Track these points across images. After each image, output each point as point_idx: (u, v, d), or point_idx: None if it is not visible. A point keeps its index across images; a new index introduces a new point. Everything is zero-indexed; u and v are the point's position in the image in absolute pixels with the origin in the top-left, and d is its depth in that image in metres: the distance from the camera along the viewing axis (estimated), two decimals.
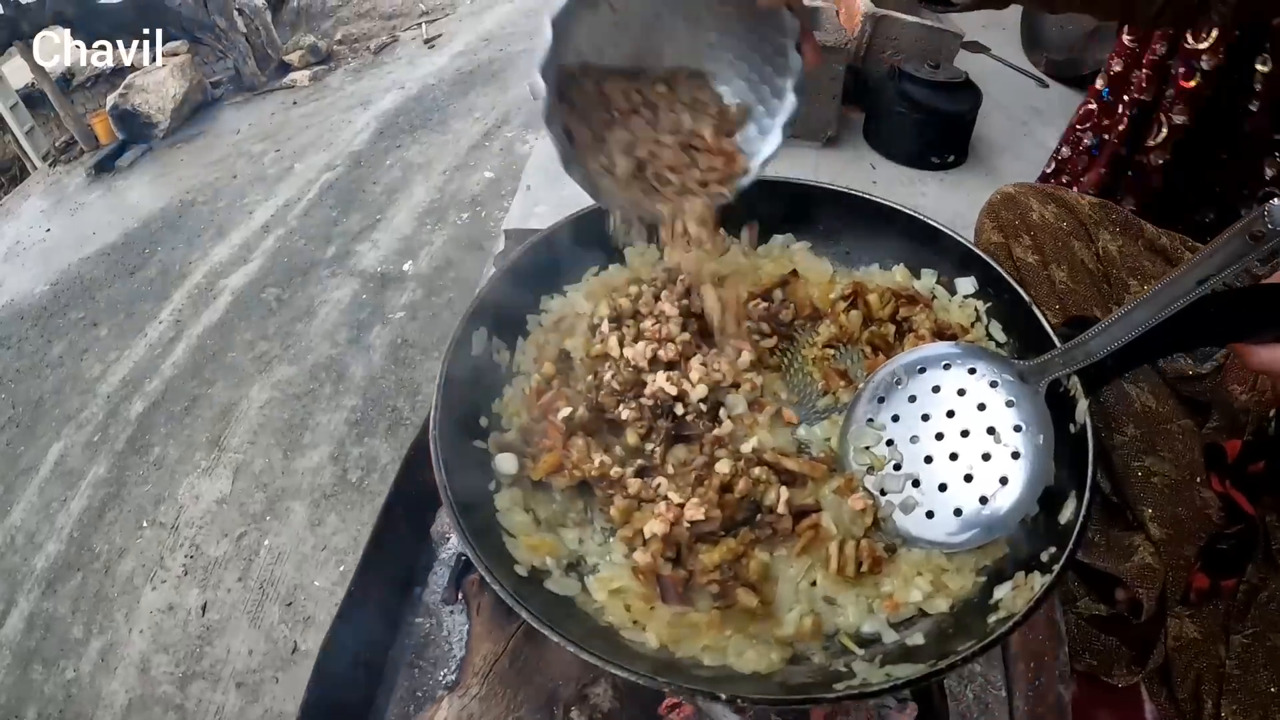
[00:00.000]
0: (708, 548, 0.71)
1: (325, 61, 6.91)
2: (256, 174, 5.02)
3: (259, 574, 2.44)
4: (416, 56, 6.66)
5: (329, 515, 2.56)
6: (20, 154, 6.43)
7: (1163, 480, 1.16)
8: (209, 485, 2.78)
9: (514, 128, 4.90)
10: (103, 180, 5.56)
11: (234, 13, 6.58)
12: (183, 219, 4.70)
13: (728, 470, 0.74)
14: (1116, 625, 1.13)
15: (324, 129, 5.45)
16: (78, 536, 2.79)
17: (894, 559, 0.73)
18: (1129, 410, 1.22)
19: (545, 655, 0.74)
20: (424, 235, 3.92)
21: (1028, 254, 1.36)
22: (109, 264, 4.44)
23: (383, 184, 4.51)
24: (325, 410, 2.96)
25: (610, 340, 0.89)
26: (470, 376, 0.86)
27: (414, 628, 1.05)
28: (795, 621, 0.70)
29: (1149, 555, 1.12)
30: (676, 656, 0.68)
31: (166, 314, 3.79)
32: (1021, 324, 0.84)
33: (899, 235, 0.98)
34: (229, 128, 5.96)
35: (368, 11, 8.06)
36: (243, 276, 3.91)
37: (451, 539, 1.10)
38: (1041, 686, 0.90)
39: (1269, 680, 0.98)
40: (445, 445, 0.74)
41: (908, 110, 2.53)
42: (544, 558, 0.73)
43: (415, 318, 3.34)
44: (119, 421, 3.21)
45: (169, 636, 2.37)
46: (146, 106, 5.91)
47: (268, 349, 3.35)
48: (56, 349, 3.84)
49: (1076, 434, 0.72)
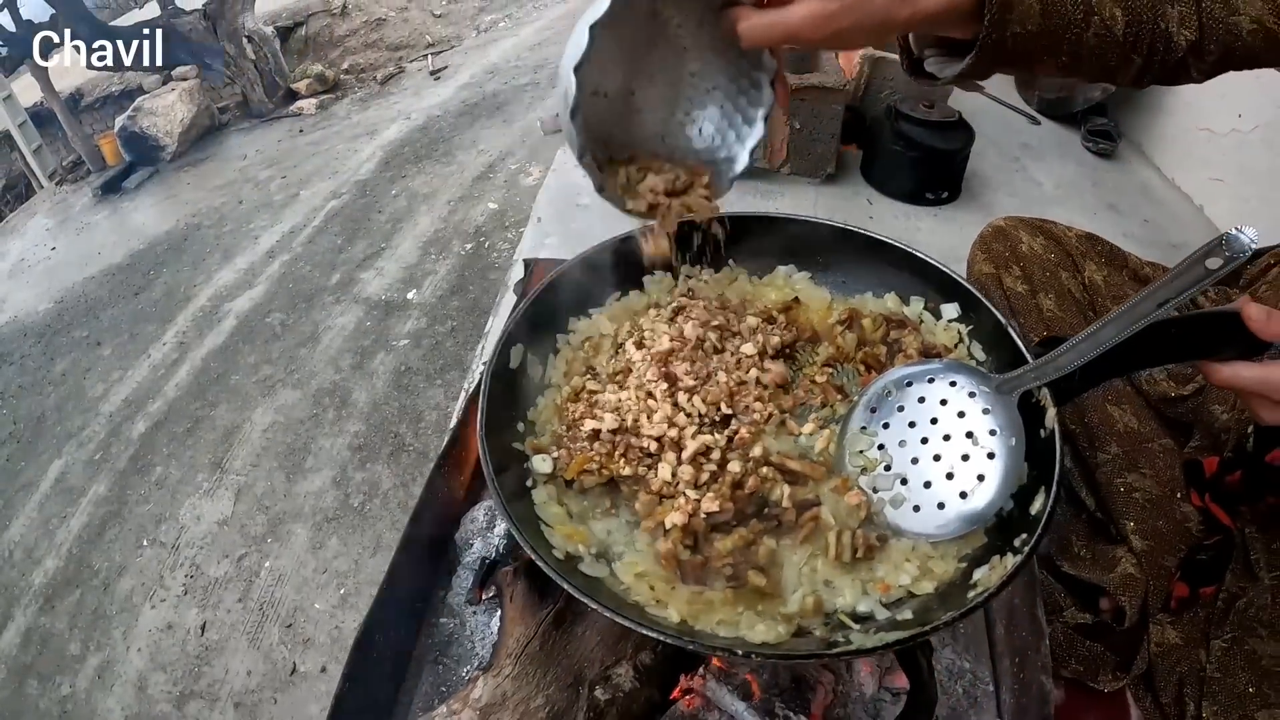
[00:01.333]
0: (721, 536, 0.82)
1: (332, 90, 7.02)
2: (262, 200, 5.08)
3: (259, 595, 2.46)
4: (422, 87, 6.76)
5: (330, 539, 2.58)
6: (27, 172, 6.50)
7: (1144, 495, 1.25)
8: (210, 506, 2.80)
9: (517, 160, 4.96)
10: (109, 201, 5.62)
11: (243, 40, 6.68)
12: (188, 242, 4.75)
13: (739, 470, 0.84)
14: (1101, 633, 1.20)
15: (330, 157, 5.52)
16: (77, 553, 2.81)
17: (885, 547, 0.82)
18: (1112, 430, 1.31)
19: (572, 639, 0.82)
20: (428, 264, 3.96)
21: (1017, 283, 1.44)
22: (113, 284, 4.49)
23: (388, 213, 4.57)
24: (328, 435, 2.99)
25: (634, 354, 0.98)
26: (509, 387, 0.94)
27: (438, 628, 1.13)
28: (799, 600, 0.79)
29: (1131, 566, 1.19)
30: (695, 629, 0.76)
31: (170, 335, 3.83)
32: (999, 344, 0.93)
33: (890, 266, 1.07)
34: (236, 153, 6.03)
35: (374, 42, 8.18)
36: (247, 301, 3.95)
37: (475, 545, 1.18)
38: (1025, 678, 0.98)
39: (1247, 681, 1.04)
40: (491, 446, 0.82)
41: (903, 148, 2.61)
42: (577, 545, 0.82)
43: (419, 346, 3.38)
44: (121, 440, 3.24)
45: (167, 655, 2.38)
46: (154, 129, 5.99)
47: (271, 373, 3.38)
48: (59, 366, 3.87)
49: (1046, 438, 0.81)
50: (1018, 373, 0.83)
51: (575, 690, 0.78)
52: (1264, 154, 2.45)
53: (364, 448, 2.91)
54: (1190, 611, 1.16)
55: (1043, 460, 0.81)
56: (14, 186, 6.90)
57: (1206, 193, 2.81)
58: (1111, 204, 2.93)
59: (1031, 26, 0.74)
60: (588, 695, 0.78)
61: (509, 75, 6.62)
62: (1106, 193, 3.01)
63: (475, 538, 1.21)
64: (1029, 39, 0.75)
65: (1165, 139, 3.17)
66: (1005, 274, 1.46)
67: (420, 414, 3.02)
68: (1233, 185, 2.67)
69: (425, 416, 3.00)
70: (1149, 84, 0.87)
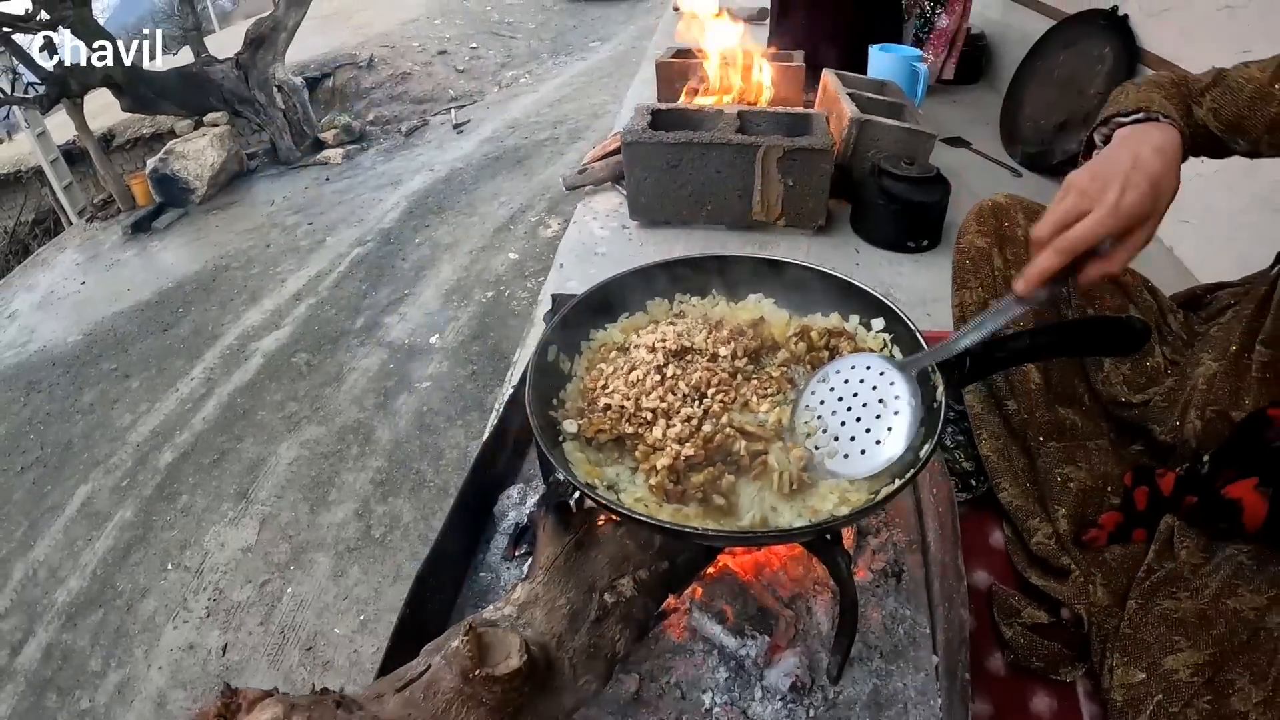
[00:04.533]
0: (696, 473, 1.07)
1: (358, 141, 7.24)
2: (289, 244, 5.24)
3: (280, 619, 2.54)
4: (445, 140, 6.98)
5: (352, 567, 2.67)
6: (56, 207, 6.69)
7: (1078, 485, 1.43)
8: (235, 534, 2.90)
9: (537, 213, 5.14)
10: (138, 240, 5.79)
11: (274, 89, 6.92)
12: (216, 282, 4.90)
13: (710, 430, 1.12)
14: (1056, 631, 1.34)
15: (355, 205, 5.70)
16: (101, 574, 2.90)
17: (815, 484, 1.08)
18: (1059, 427, 1.49)
19: (587, 560, 1.07)
20: (450, 311, 4.11)
21: (1008, 266, 1.57)
22: (142, 320, 4.63)
23: (411, 261, 4.72)
24: (351, 470, 3.10)
25: (640, 354, 1.25)
26: (546, 374, 1.21)
27: (478, 580, 1.42)
28: (751, 518, 1.04)
29: (1081, 576, 1.35)
30: (673, 522, 1.03)
31: (198, 371, 3.95)
32: (914, 346, 1.18)
33: (834, 292, 1.35)
34: (263, 198, 6.22)
35: (400, 95, 8.42)
36: (274, 341, 4.09)
37: (510, 515, 1.50)
38: (949, 615, 1.20)
39: (1155, 636, 1.20)
40: (536, 414, 1.09)
41: (886, 202, 2.81)
42: (594, 479, 1.08)
43: (440, 388, 3.50)
44: (148, 469, 3.35)
45: (188, 674, 2.46)
46: (185, 172, 6.19)
47: (297, 410, 3.50)
48: (87, 396, 3.99)
49: (937, 406, 1.06)
50: (914, 357, 1.11)
51: (589, 595, 1.03)
52: (1225, 196, 2.58)
53: (386, 482, 3.01)
54: (1117, 544, 1.36)
55: (932, 422, 1.05)
56: (42, 221, 7.10)
57: (1175, 234, 2.93)
58: None
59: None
60: (598, 599, 1.03)
61: (529, 130, 6.84)
62: None
63: (511, 510, 1.50)
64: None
65: None
66: (996, 253, 1.59)
67: (441, 452, 3.13)
68: (1198, 226, 2.79)
69: (446, 454, 3.11)
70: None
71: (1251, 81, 1.10)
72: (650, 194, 2.83)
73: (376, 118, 7.88)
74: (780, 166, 2.74)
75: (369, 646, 2.39)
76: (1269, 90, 1.08)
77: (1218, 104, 1.12)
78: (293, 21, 6.86)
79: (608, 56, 9.26)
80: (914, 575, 1.40)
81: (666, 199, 2.84)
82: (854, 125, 2.93)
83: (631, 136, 2.72)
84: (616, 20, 11.12)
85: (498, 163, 6.14)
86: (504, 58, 9.47)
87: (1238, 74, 1.13)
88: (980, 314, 0.99)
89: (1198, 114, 1.14)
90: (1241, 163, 1.14)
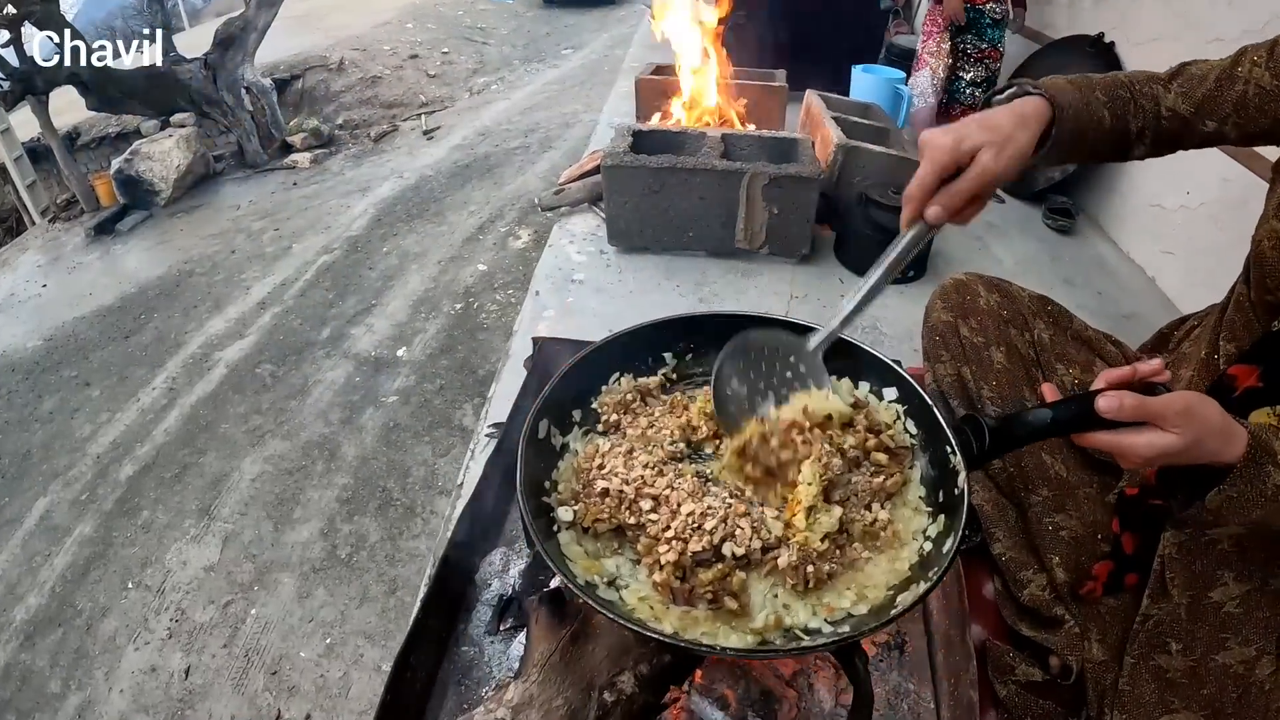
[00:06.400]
0: (704, 569, 1.01)
1: (326, 145, 7.18)
2: (255, 251, 5.18)
3: (244, 642, 2.51)
4: (415, 146, 6.94)
5: (317, 589, 2.65)
6: (19, 206, 6.56)
7: (1070, 534, 1.44)
8: (197, 552, 2.86)
9: (507, 223, 5.12)
10: (102, 242, 5.70)
11: (242, 90, 6.83)
12: (180, 289, 4.83)
13: (713, 525, 1.05)
14: (1050, 689, 1.36)
15: (323, 211, 5.65)
16: (60, 592, 2.85)
17: (832, 580, 1.03)
18: (1045, 476, 1.50)
19: (585, 654, 1.04)
20: (418, 323, 4.08)
21: (974, 335, 1.63)
22: (104, 326, 4.56)
23: (379, 270, 4.69)
24: (316, 487, 3.07)
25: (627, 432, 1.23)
26: (538, 451, 1.13)
27: (460, 655, 1.35)
28: (763, 618, 0.99)
29: (1076, 627, 1.36)
30: (685, 637, 0.97)
31: (160, 381, 3.90)
32: (927, 419, 1.15)
33: (839, 355, 1.27)
34: (229, 202, 6.14)
35: (370, 99, 8.35)
36: (238, 351, 4.04)
37: (493, 584, 1.42)
38: (957, 693, 1.21)
39: (1152, 691, 1.23)
40: (530, 510, 1.02)
41: (872, 231, 2.78)
42: (593, 575, 1.03)
43: (407, 403, 3.48)
44: (108, 483, 3.30)
45: (150, 697, 2.42)
46: (150, 174, 6.10)
47: (261, 423, 3.46)
48: (47, 404, 3.92)
49: (959, 493, 1.02)
50: (817, 337, 1.12)
51: (588, 693, 1.00)
52: (1209, 228, 2.64)
53: (352, 500, 2.99)
54: (1111, 597, 1.36)
55: (954, 511, 1.02)
56: (4, 220, 6.96)
57: (1158, 265, 3.00)
58: (1067, 278, 3.10)
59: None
60: (598, 697, 1.00)
61: (500, 138, 6.82)
62: (1063, 267, 3.19)
63: (493, 578, 1.43)
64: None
65: (1120, 215, 3.39)
66: (962, 324, 1.64)
67: (408, 469, 3.11)
68: (1182, 257, 2.86)
69: (413, 472, 3.09)
70: (1140, 158, 1.23)
71: (1215, 68, 1.18)
72: (630, 219, 2.79)
73: (346, 122, 7.82)
74: (765, 194, 2.73)
75: (335, 671, 2.37)
76: (1233, 73, 1.15)
77: (1185, 88, 1.19)
78: (263, 22, 6.78)
79: (580, 65, 9.27)
80: (916, 644, 1.40)
81: (647, 224, 2.80)
82: (840, 151, 2.94)
83: (613, 160, 2.68)
84: (589, 28, 11.13)
85: (468, 170, 6.12)
86: (476, 63, 9.44)
87: (1199, 65, 1.21)
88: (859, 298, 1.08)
89: (1166, 100, 1.19)
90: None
